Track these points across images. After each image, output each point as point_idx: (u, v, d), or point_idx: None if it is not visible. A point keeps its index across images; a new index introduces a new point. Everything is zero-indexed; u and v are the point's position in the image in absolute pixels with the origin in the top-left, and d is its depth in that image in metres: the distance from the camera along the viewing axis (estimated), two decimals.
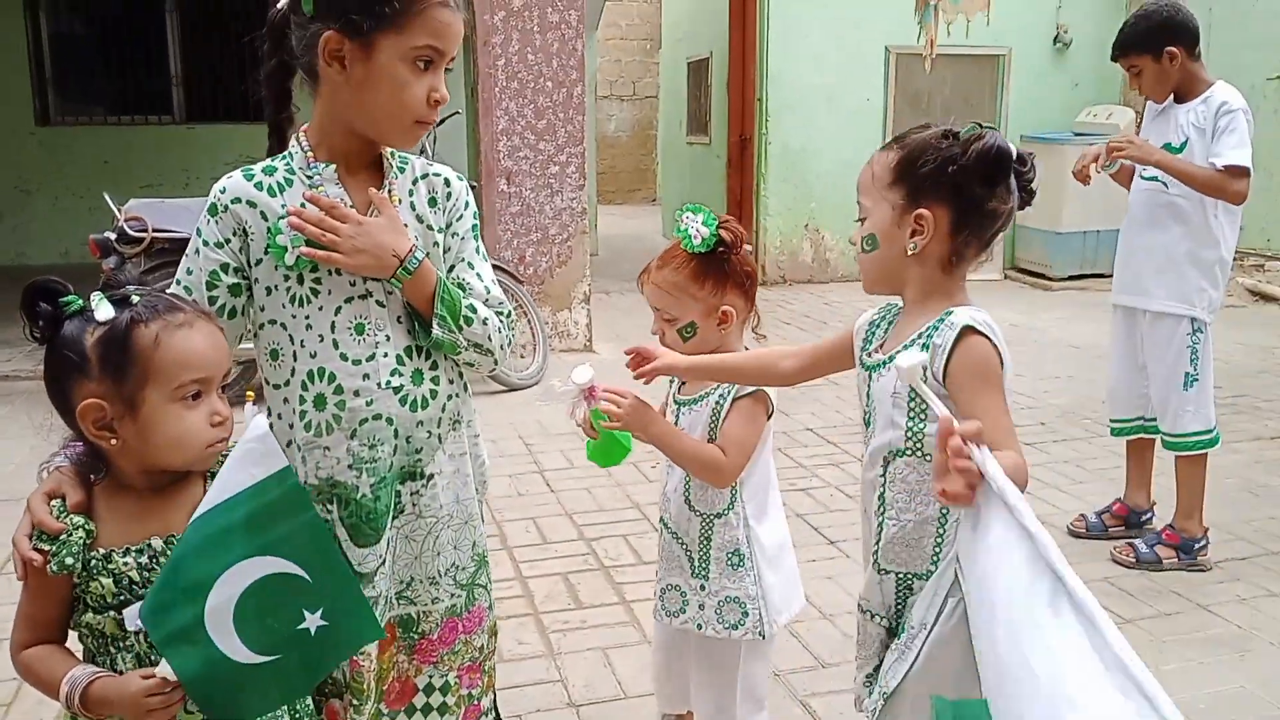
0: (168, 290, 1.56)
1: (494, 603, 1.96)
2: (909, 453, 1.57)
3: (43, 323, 1.38)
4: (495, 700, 2.00)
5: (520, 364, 5.83)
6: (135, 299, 1.39)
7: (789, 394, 2.60)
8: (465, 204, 1.83)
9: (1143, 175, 3.47)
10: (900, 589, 1.62)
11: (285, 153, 1.73)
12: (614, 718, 2.61)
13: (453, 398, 1.80)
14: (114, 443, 1.39)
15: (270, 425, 1.75)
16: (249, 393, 1.51)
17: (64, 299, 1.38)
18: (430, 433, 1.76)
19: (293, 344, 1.70)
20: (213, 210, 1.69)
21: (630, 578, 3.38)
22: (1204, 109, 3.30)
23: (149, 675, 1.33)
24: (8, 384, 5.67)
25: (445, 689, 1.87)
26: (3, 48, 9.18)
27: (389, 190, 1.73)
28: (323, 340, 1.69)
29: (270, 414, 1.75)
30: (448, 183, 1.82)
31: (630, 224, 12.30)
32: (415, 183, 1.78)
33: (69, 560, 1.36)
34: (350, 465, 1.70)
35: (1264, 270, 8.75)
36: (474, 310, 1.75)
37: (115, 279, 1.45)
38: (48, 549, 1.36)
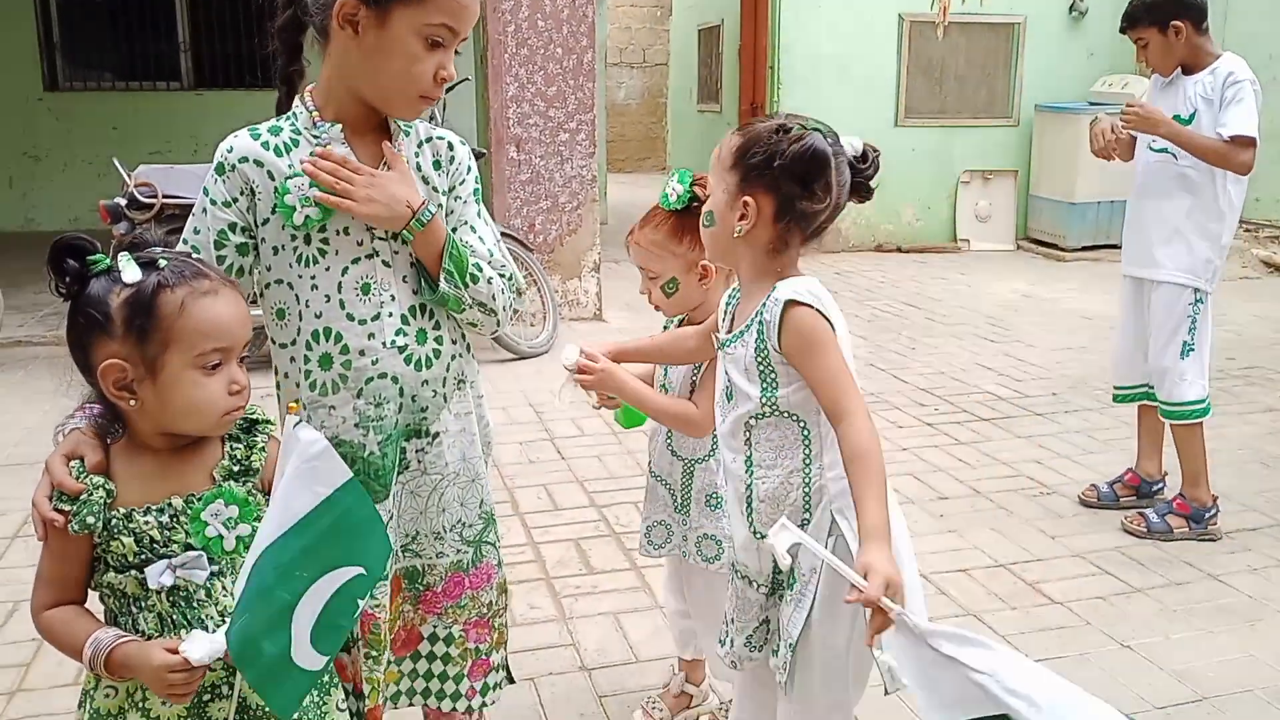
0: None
1: (504, 561, 1.97)
2: (767, 415, 1.67)
3: (69, 279, 1.38)
4: (507, 658, 2.02)
5: (530, 332, 5.83)
6: (162, 263, 1.39)
7: None
8: (468, 168, 1.85)
9: (1152, 147, 3.47)
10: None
11: (291, 113, 1.73)
12: (625, 681, 2.63)
13: (456, 358, 1.82)
14: (133, 404, 1.39)
15: (277, 384, 1.77)
16: (291, 406, 1.50)
17: (91, 257, 1.38)
18: (435, 391, 1.78)
19: (298, 303, 1.71)
20: (219, 169, 1.69)
21: None
22: (1211, 80, 3.32)
23: (172, 649, 1.33)
24: (21, 349, 5.69)
25: (449, 640, 1.91)
26: (11, 14, 9.14)
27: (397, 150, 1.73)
28: (329, 300, 1.70)
29: (277, 373, 1.77)
30: (451, 146, 1.83)
31: (640, 192, 12.23)
32: (420, 146, 1.79)
33: (90, 520, 1.37)
34: (357, 424, 1.72)
35: (1279, 242, 8.70)
36: (479, 269, 1.76)
37: (141, 239, 1.45)
38: (68, 509, 1.37)
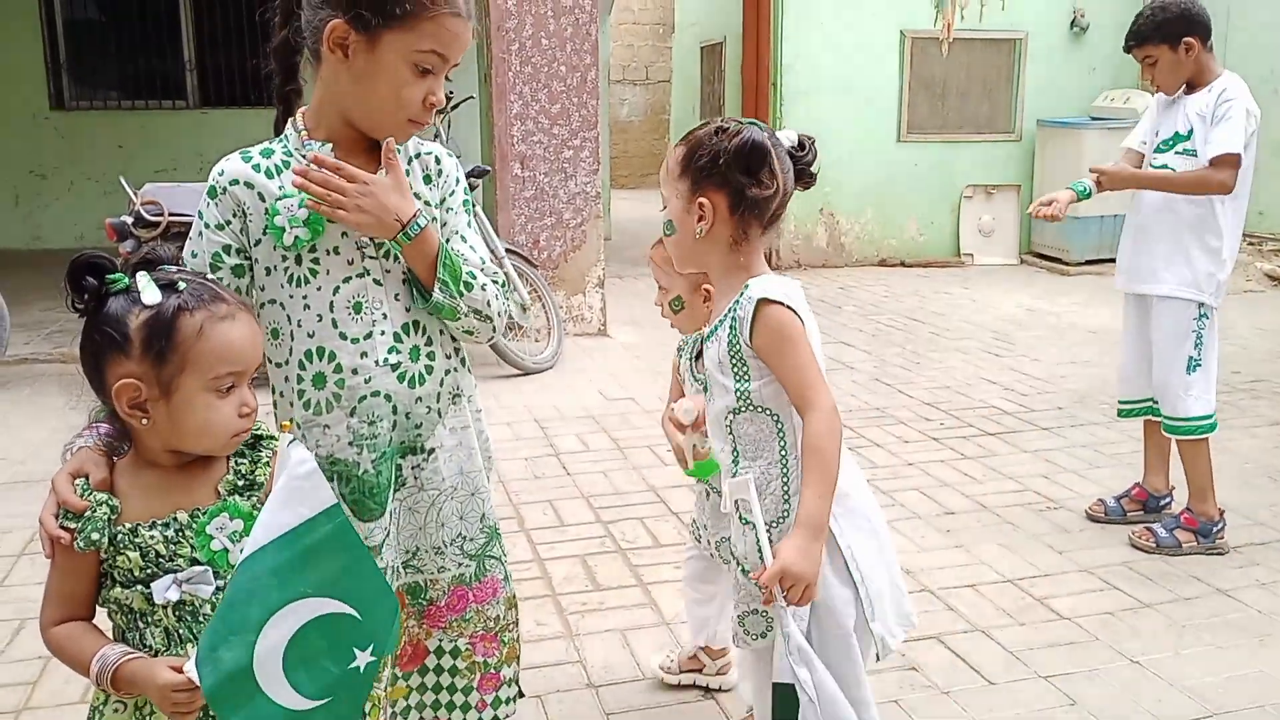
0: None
1: (511, 575, 1.97)
2: (743, 409, 1.79)
3: (86, 296, 1.39)
4: (519, 674, 2.01)
5: (535, 348, 5.83)
6: (182, 285, 1.40)
7: None
8: (456, 180, 1.86)
9: (1152, 165, 3.49)
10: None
11: (284, 134, 1.75)
12: (632, 698, 2.61)
13: (450, 372, 1.83)
14: (145, 422, 1.40)
15: (274, 403, 1.78)
16: (284, 425, 1.51)
17: (110, 276, 1.39)
18: (430, 408, 1.79)
19: (290, 323, 1.72)
20: (212, 193, 1.71)
21: (647, 560, 3.38)
22: (1208, 98, 3.34)
23: (178, 668, 1.33)
24: (27, 366, 5.69)
25: (456, 653, 1.91)
26: (18, 33, 9.20)
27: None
28: (321, 319, 1.71)
29: (274, 391, 1.79)
30: (439, 160, 1.84)
31: (643, 208, 12.25)
32: (410, 161, 1.80)
33: (95, 536, 1.37)
34: (350, 442, 1.73)
35: None
36: (474, 276, 1.77)
37: (155, 255, 1.46)
38: (74, 527, 1.38)
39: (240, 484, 1.47)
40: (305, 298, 1.71)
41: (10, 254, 9.05)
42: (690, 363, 2.14)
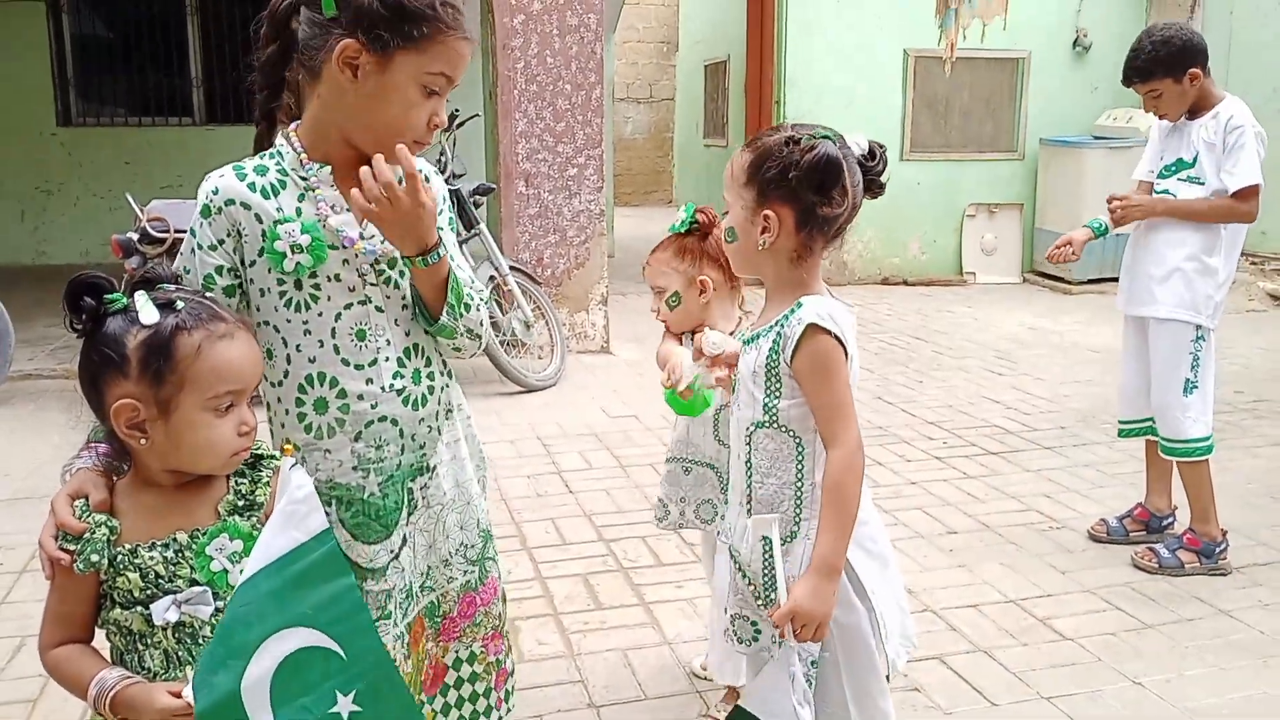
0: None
1: (501, 572, 2.00)
2: (767, 424, 1.76)
3: (85, 316, 1.39)
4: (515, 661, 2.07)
5: (538, 365, 5.84)
6: (180, 304, 1.40)
7: None
8: (443, 198, 1.85)
9: (1155, 191, 3.50)
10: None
11: (274, 151, 1.71)
12: (634, 719, 2.60)
13: (445, 389, 1.84)
14: (143, 442, 1.40)
15: (268, 420, 1.77)
16: (286, 447, 1.50)
17: (108, 296, 1.39)
18: (430, 427, 1.80)
19: (287, 347, 1.70)
20: (205, 212, 1.67)
21: (649, 579, 3.38)
22: (1214, 124, 3.36)
23: (176, 693, 1.32)
24: (31, 382, 5.71)
25: (472, 659, 1.93)
26: (25, 49, 9.25)
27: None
28: (323, 345, 1.69)
29: (269, 409, 1.77)
30: (427, 179, 1.81)
31: (647, 225, 12.27)
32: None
33: (94, 558, 1.37)
34: (355, 466, 1.73)
35: None
36: (470, 298, 1.78)
37: (154, 273, 1.46)
38: (73, 548, 1.38)
39: (240, 504, 1.47)
40: (306, 323, 1.69)
41: (15, 270, 9.08)
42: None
